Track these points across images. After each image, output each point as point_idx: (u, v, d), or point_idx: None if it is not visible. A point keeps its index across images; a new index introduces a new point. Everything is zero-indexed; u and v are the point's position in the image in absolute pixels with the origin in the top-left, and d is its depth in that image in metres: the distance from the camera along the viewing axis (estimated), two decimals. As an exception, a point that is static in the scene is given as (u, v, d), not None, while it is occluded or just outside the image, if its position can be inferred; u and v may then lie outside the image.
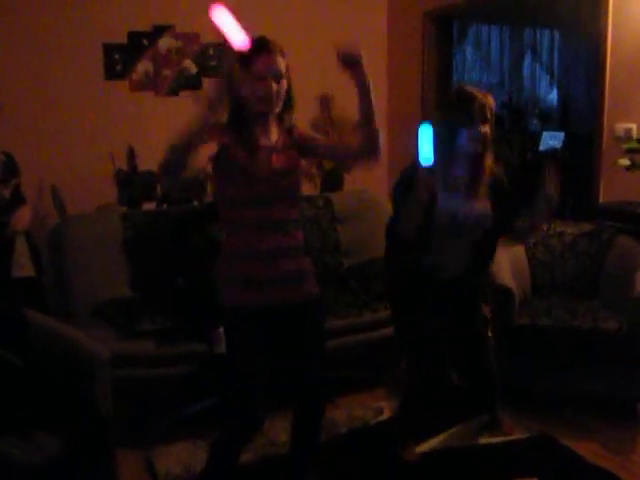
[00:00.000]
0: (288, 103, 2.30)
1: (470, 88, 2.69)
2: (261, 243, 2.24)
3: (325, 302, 3.63)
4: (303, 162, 2.45)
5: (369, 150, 2.32)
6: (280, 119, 2.32)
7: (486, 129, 2.60)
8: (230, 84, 2.17)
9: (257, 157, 2.23)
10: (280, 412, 2.86)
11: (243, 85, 2.21)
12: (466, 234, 2.72)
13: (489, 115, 2.61)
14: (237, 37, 2.05)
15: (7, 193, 3.30)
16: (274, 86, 2.19)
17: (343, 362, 3.60)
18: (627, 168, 3.72)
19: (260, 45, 2.21)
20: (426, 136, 2.31)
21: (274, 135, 2.31)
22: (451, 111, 2.65)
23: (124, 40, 5.21)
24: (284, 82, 2.24)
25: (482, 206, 2.70)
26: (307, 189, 5.82)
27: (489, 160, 2.69)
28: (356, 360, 3.68)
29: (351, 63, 2.20)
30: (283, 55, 2.26)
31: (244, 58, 2.18)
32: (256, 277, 2.25)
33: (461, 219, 2.66)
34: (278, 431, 3.10)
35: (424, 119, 5.76)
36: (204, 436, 2.90)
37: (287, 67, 2.26)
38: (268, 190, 2.23)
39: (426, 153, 2.32)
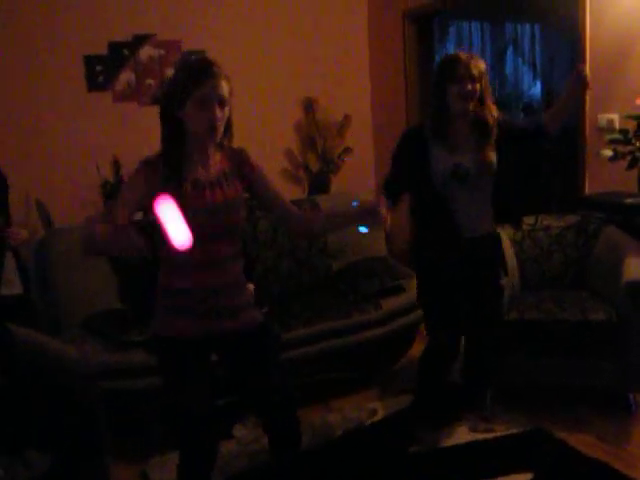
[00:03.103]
0: (228, 130, 2.14)
1: (457, 51, 2.92)
2: (197, 281, 2.13)
3: (315, 305, 3.66)
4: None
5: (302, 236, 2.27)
6: (220, 146, 2.17)
7: (474, 87, 2.77)
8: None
9: (197, 192, 2.09)
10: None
11: (184, 112, 2.05)
12: (475, 186, 2.87)
13: (476, 73, 2.77)
14: (179, 235, 1.79)
15: None
16: (218, 112, 2.04)
17: (334, 364, 3.61)
18: (610, 159, 3.73)
19: (204, 68, 2.04)
20: None
21: (213, 166, 2.15)
22: (440, 73, 2.85)
23: (105, 51, 5.21)
24: (227, 109, 2.08)
25: (483, 155, 2.87)
26: (294, 192, 5.83)
27: (488, 114, 2.88)
28: (347, 362, 3.68)
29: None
30: (227, 79, 2.07)
31: (187, 80, 2.03)
32: (191, 309, 2.14)
33: (463, 171, 2.82)
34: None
35: (408, 118, 5.80)
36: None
37: (231, 92, 2.08)
38: (210, 226, 2.09)
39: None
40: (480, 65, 2.81)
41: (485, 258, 2.99)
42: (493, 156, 2.88)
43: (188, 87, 2.02)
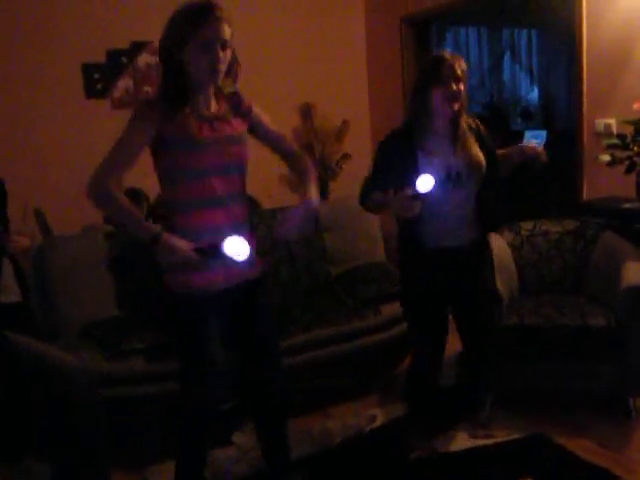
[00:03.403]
0: (231, 70, 2.15)
1: (441, 52, 2.84)
2: (210, 219, 2.14)
3: (314, 311, 3.66)
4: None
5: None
6: (218, 89, 2.20)
7: (459, 87, 2.70)
8: None
9: (203, 124, 2.11)
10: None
11: (186, 53, 2.06)
12: (463, 188, 2.79)
13: (460, 73, 2.70)
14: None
15: None
16: (220, 54, 2.05)
17: (333, 370, 3.60)
18: (608, 164, 3.74)
19: (206, 10, 2.04)
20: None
21: (213, 105, 2.18)
22: (423, 74, 2.76)
23: (103, 59, 5.22)
24: (229, 51, 2.09)
25: (471, 154, 2.79)
26: (294, 199, 5.83)
27: (464, 116, 2.83)
28: (346, 368, 3.67)
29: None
30: (229, 22, 2.08)
31: (189, 23, 2.03)
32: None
33: (454, 174, 2.75)
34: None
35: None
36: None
37: (232, 35, 2.09)
38: (223, 156, 2.13)
39: (427, 182, 2.44)
40: (463, 65, 2.74)
41: (471, 265, 2.92)
42: (481, 155, 2.81)
43: (189, 30, 2.02)
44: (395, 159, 2.78)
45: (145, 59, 5.40)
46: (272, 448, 2.58)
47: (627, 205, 3.72)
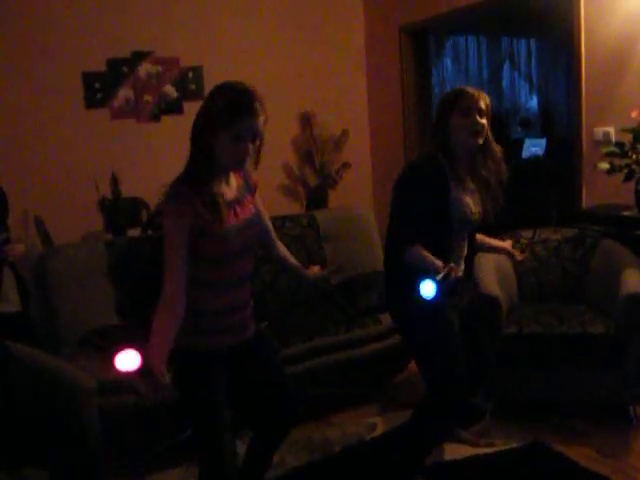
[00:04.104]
0: (254, 155, 2.13)
1: (462, 86, 2.71)
2: (219, 299, 2.17)
3: (314, 320, 3.66)
4: None
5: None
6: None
7: (483, 121, 2.57)
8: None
9: (228, 214, 2.11)
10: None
11: (217, 138, 2.04)
12: (465, 233, 2.72)
13: (484, 107, 2.57)
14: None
15: None
16: (250, 146, 2.06)
17: (333, 379, 3.60)
18: (607, 172, 3.74)
19: (247, 104, 2.03)
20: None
21: (233, 183, 2.20)
22: (444, 106, 2.63)
23: (103, 68, 5.24)
24: (258, 140, 2.10)
25: (484, 201, 2.70)
26: (293, 208, 5.84)
27: (494, 151, 2.67)
28: (346, 377, 3.67)
29: None
30: (264, 110, 2.07)
31: (226, 111, 2.01)
32: (223, 327, 2.20)
33: (469, 217, 2.63)
34: (284, 453, 3.09)
35: (405, 133, 5.82)
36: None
37: (265, 120, 2.08)
38: (241, 242, 2.14)
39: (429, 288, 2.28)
40: (487, 98, 2.61)
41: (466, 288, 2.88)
42: (490, 204, 2.71)
43: (225, 119, 2.00)
44: (432, 194, 2.55)
45: (146, 69, 5.41)
46: (261, 461, 2.56)
47: (626, 213, 3.73)
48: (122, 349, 1.92)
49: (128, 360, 1.92)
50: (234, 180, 2.21)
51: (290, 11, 5.92)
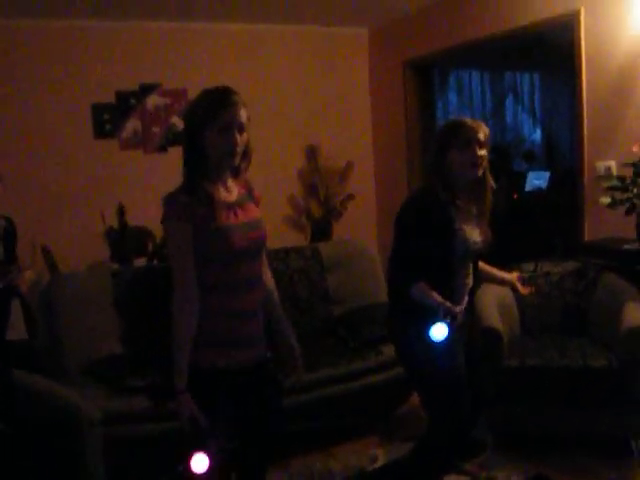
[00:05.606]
0: (246, 155, 2.22)
1: (459, 117, 2.74)
2: (228, 305, 2.18)
3: (316, 352, 3.67)
4: None
5: None
6: (236, 171, 2.25)
7: (482, 152, 2.59)
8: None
9: (227, 211, 2.17)
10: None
11: (206, 136, 2.12)
12: (469, 263, 2.70)
13: (483, 138, 2.59)
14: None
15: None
16: (237, 137, 2.13)
17: (335, 410, 3.60)
18: (609, 205, 3.77)
19: (225, 96, 2.15)
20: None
21: (233, 189, 2.25)
22: (443, 137, 2.64)
23: (112, 100, 5.33)
24: (245, 134, 2.17)
25: (485, 229, 2.71)
26: (297, 239, 5.88)
27: (491, 183, 2.70)
28: (348, 408, 3.67)
29: None
30: (245, 106, 2.17)
31: (209, 108, 2.12)
32: (230, 337, 2.19)
33: (472, 247, 2.62)
34: None
35: (409, 166, 5.88)
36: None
37: (248, 118, 2.18)
38: (246, 244, 2.18)
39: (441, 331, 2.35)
40: (485, 129, 2.63)
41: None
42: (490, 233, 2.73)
43: (209, 114, 2.11)
44: (437, 227, 2.56)
45: (153, 101, 5.51)
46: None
47: (627, 246, 3.75)
48: (195, 452, 2.00)
49: (201, 463, 2.00)
50: (235, 188, 2.26)
51: (297, 46, 6.02)
